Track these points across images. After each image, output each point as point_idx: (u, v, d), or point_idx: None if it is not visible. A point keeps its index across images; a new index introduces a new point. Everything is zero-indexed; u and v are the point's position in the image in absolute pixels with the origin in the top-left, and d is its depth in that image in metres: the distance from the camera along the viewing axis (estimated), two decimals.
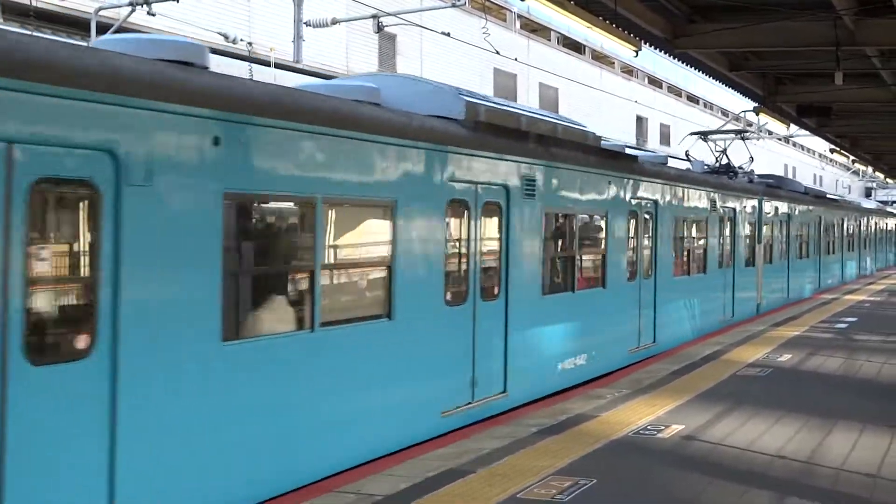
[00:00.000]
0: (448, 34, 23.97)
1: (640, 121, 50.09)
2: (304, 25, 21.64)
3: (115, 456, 6.30)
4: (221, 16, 23.74)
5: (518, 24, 39.67)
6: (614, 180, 14.58)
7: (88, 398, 6.14)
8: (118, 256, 6.31)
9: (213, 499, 7.06)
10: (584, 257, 14.09)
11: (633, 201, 15.45)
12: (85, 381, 6.13)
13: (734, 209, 21.31)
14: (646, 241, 16.21)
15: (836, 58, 16.24)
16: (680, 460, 8.63)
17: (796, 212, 27.72)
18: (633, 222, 15.49)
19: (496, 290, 11.19)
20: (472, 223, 10.70)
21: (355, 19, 23.80)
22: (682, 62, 19.48)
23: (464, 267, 10.58)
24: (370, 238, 9.23)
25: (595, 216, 14.24)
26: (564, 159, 12.89)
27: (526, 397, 11.61)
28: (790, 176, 69.84)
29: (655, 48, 17.83)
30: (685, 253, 18.40)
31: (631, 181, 15.31)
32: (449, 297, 10.20)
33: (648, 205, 16.19)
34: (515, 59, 32.65)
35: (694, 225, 18.85)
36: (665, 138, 52.60)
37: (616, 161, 14.92)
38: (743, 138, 28.85)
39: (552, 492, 7.52)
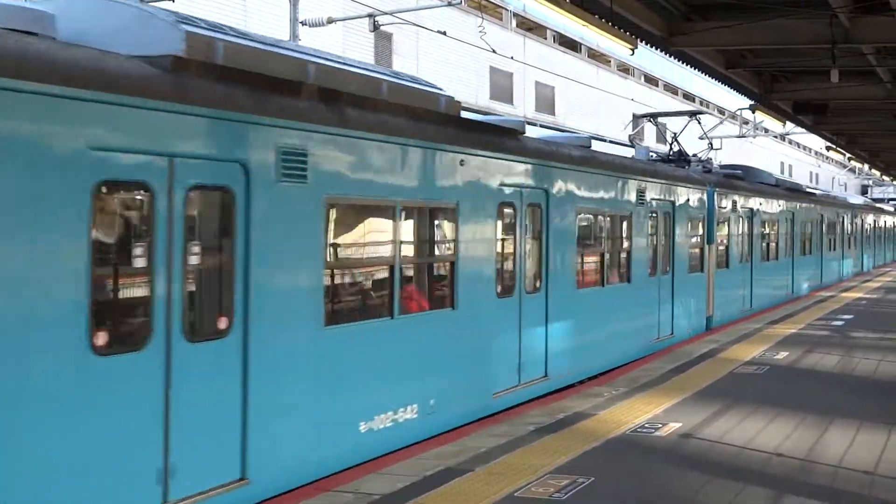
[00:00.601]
0: (444, 33, 23.97)
1: (637, 119, 50.05)
2: (300, 24, 21.62)
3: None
4: (217, 15, 23.72)
5: (514, 23, 39.66)
6: (474, 161, 10.95)
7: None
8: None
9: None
10: (416, 268, 10.26)
11: (507, 190, 11.68)
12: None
13: (672, 203, 17.69)
14: (530, 244, 12.44)
15: (832, 55, 16.25)
16: (678, 458, 8.63)
17: (762, 207, 24.36)
18: (507, 218, 11.85)
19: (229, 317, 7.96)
20: (162, 219, 6.96)
21: (351, 18, 23.79)
22: (679, 60, 19.50)
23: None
24: None
25: (436, 209, 10.36)
26: (375, 126, 9.16)
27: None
28: (786, 174, 69.93)
29: (652, 46, 17.83)
30: (596, 258, 14.57)
31: (504, 162, 11.61)
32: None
33: (533, 195, 12.38)
34: (511, 58, 32.65)
35: (609, 221, 15.16)
36: (661, 136, 52.59)
37: (478, 135, 11.28)
38: (698, 121, 27.59)
39: (550, 490, 7.53)
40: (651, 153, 21.67)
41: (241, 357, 7.57)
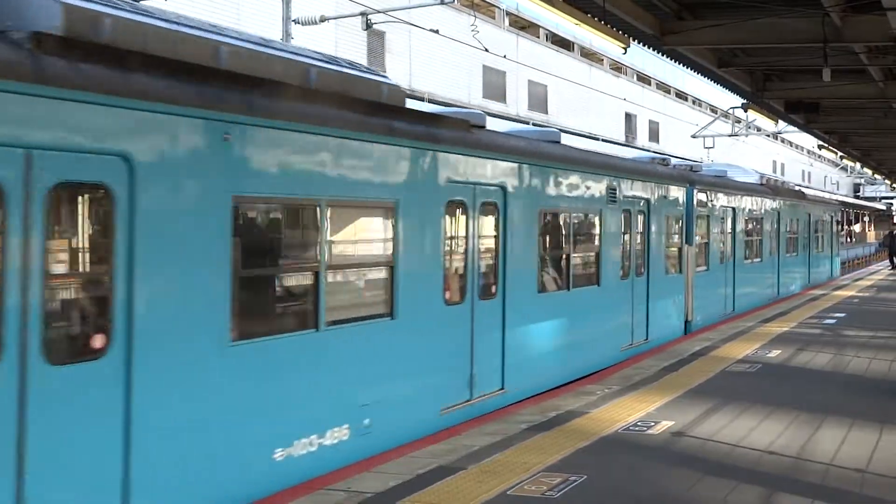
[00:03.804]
0: (437, 31, 23.98)
1: (629, 118, 50.16)
2: (292, 23, 21.61)
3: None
4: (210, 14, 23.68)
5: (507, 22, 39.67)
6: (418, 156, 9.92)
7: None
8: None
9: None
10: (346, 273, 9.22)
11: (457, 187, 10.60)
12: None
13: (647, 201, 16.53)
14: (484, 246, 11.28)
15: (823, 54, 16.30)
16: (670, 456, 8.64)
17: (745, 206, 23.23)
18: (457, 218, 10.76)
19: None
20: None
21: (344, 17, 23.78)
22: (671, 59, 19.55)
23: None
24: None
25: (371, 208, 9.37)
26: (296, 116, 8.16)
27: None
28: (779, 173, 70.05)
29: (644, 45, 17.87)
30: (561, 260, 13.49)
31: (453, 157, 10.49)
32: None
33: (488, 193, 11.25)
34: (504, 57, 32.66)
35: (577, 221, 14.13)
36: (654, 135, 52.68)
37: (424, 128, 10.10)
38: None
39: (543, 488, 7.53)
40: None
41: (123, 381, 6.48)
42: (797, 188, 32.51)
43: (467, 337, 10.71)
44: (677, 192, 18.17)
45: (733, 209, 22.06)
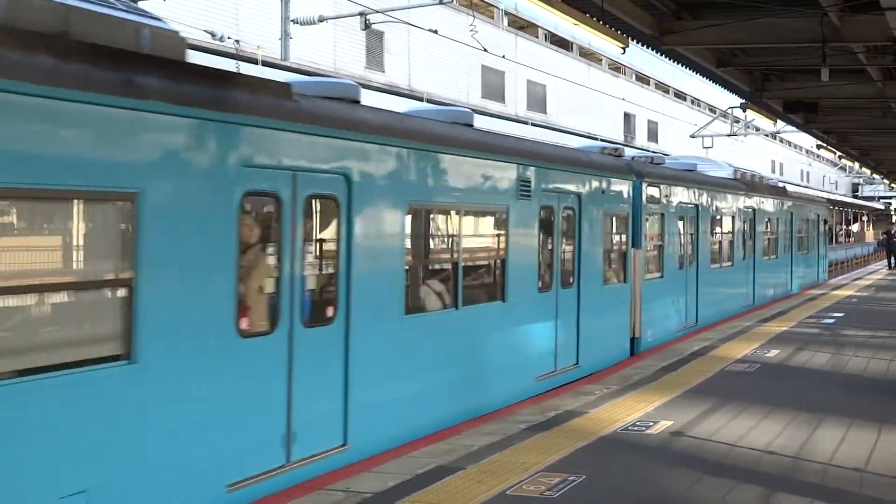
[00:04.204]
0: (436, 31, 23.98)
1: (628, 118, 50.18)
2: (291, 23, 21.62)
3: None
4: (208, 13, 23.69)
5: (506, 22, 39.67)
6: (194, 127, 7.13)
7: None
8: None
9: None
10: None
11: (261, 172, 7.76)
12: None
13: (577, 196, 13.76)
14: (312, 256, 8.59)
15: (822, 54, 16.32)
16: (669, 456, 8.65)
17: (712, 203, 20.53)
18: (262, 217, 8.12)
19: None
20: None
21: (342, 17, 23.78)
22: (670, 59, 19.56)
23: None
24: None
25: (98, 201, 6.48)
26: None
27: None
28: (777, 173, 70.05)
29: (643, 45, 17.88)
30: (446, 270, 10.79)
31: (258, 132, 7.69)
32: None
33: (319, 182, 8.41)
34: (503, 57, 32.67)
35: (469, 220, 11.28)
36: (653, 135, 52.70)
37: (203, 89, 7.29)
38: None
39: (541, 488, 7.54)
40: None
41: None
42: (779, 184, 29.48)
43: (283, 380, 8.05)
44: (620, 187, 15.34)
45: (697, 207, 19.39)
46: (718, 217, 21.25)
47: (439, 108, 12.69)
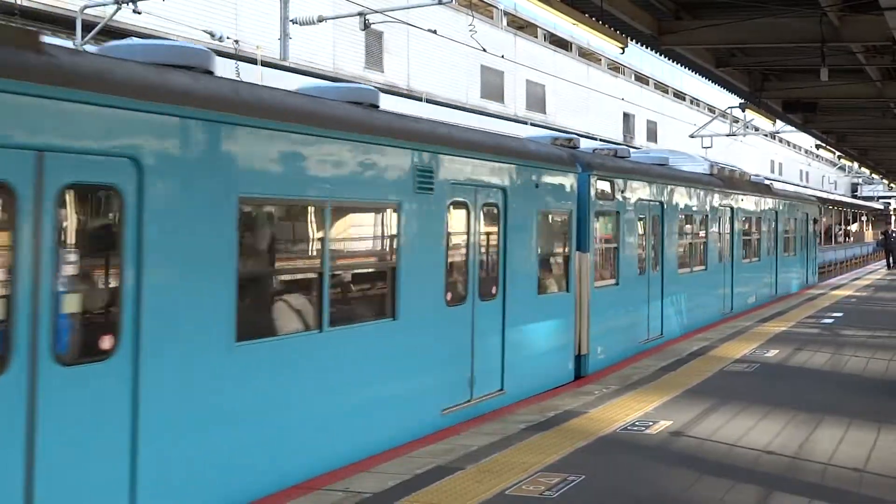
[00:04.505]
0: (435, 31, 23.99)
1: (627, 118, 50.20)
2: (290, 23, 21.62)
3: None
4: (208, 14, 23.70)
5: (505, 22, 39.69)
6: None
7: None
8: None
9: None
10: None
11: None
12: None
13: (502, 190, 11.54)
14: (73, 263, 6.36)
15: (821, 54, 16.33)
16: (668, 456, 8.65)
17: (681, 200, 18.37)
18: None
19: None
20: None
21: (342, 17, 23.79)
22: (669, 59, 19.58)
23: None
24: None
25: None
26: None
27: None
28: (776, 173, 70.08)
29: (642, 45, 17.89)
30: (309, 283, 8.56)
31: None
32: None
33: (90, 167, 6.32)
34: (502, 57, 32.67)
35: (343, 218, 9.13)
36: (652, 135, 52.72)
37: None
38: None
39: (541, 488, 7.54)
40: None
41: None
42: (765, 182, 27.06)
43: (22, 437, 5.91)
44: (561, 180, 13.17)
45: (662, 204, 17.22)
46: (689, 216, 19.13)
47: (338, 85, 10.82)
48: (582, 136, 39.13)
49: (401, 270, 9.52)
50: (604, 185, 14.71)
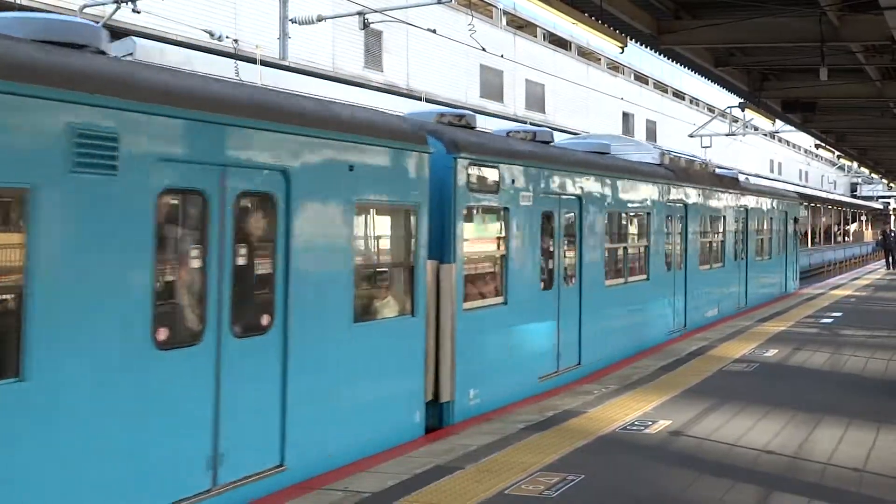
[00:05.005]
0: (434, 31, 23.97)
1: (627, 117, 50.18)
2: (289, 22, 21.60)
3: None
4: (207, 13, 23.68)
5: (504, 21, 39.68)
6: None
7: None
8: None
9: None
10: None
11: None
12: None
13: (281, 174, 8.05)
14: None
15: (820, 53, 16.32)
16: (667, 456, 8.65)
17: (611, 195, 14.94)
18: None
19: None
20: None
21: (341, 16, 23.77)
22: (668, 58, 19.57)
23: None
24: None
25: None
26: None
27: None
28: (775, 173, 70.07)
29: (641, 44, 17.89)
30: None
31: None
32: None
33: None
34: (502, 56, 32.66)
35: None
36: (651, 134, 52.70)
37: None
38: None
39: (540, 487, 7.53)
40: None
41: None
42: (733, 175, 23.82)
43: None
44: (399, 162, 9.61)
45: (580, 199, 13.76)
46: (623, 214, 15.89)
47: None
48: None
49: (36, 299, 5.92)
50: (484, 173, 11.25)
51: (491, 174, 11.46)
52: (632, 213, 16.42)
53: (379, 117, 9.98)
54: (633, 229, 16.57)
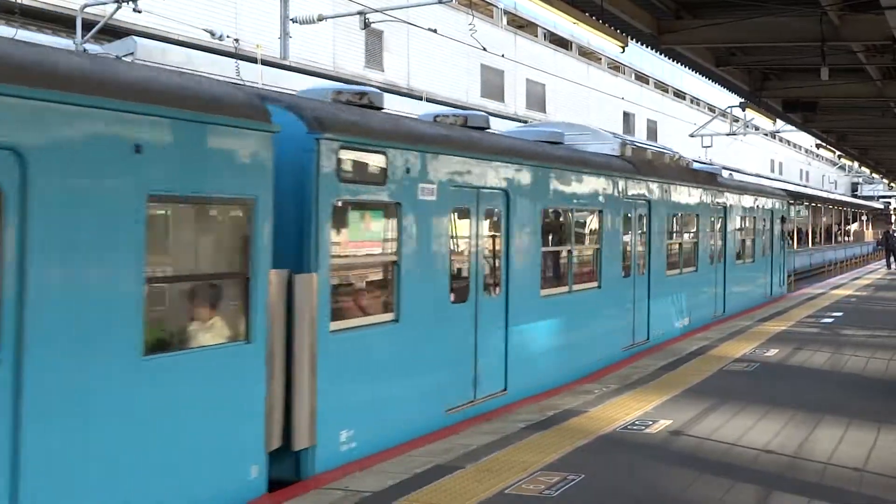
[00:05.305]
0: (435, 31, 23.98)
1: (628, 117, 50.19)
2: (290, 22, 21.61)
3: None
4: (208, 12, 23.69)
5: (505, 21, 39.69)
6: None
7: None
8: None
9: None
10: None
11: None
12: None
13: (16, 155, 5.79)
14: None
15: (821, 53, 16.30)
16: (668, 455, 8.64)
17: (550, 189, 12.84)
18: None
19: None
20: None
21: (342, 16, 23.78)
22: (669, 58, 19.55)
23: None
24: None
25: None
26: None
27: None
28: (776, 172, 70.02)
29: (642, 44, 17.87)
30: None
31: None
32: None
33: None
34: (502, 56, 32.66)
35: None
36: (652, 134, 52.70)
37: None
38: None
39: (540, 487, 7.53)
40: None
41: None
42: (714, 170, 21.97)
43: None
44: (222, 143, 7.49)
45: (506, 193, 11.55)
46: (567, 211, 13.68)
47: None
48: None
49: None
50: (364, 159, 9.09)
51: (375, 161, 9.21)
52: (578, 210, 14.01)
53: (192, 83, 7.50)
54: (580, 229, 14.26)
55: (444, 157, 10.31)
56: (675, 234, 18.35)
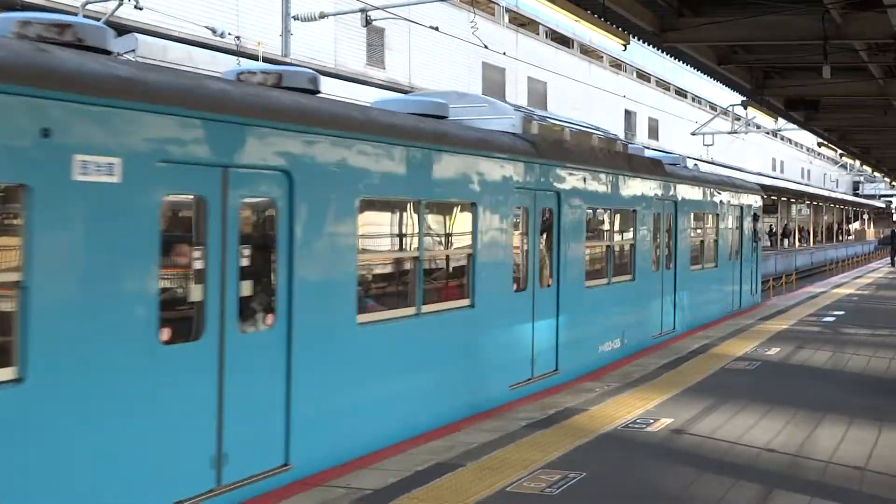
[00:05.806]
0: (436, 28, 23.96)
1: (629, 115, 50.16)
2: (291, 19, 21.61)
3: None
4: (209, 10, 23.67)
5: (506, 18, 39.66)
6: None
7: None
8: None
9: None
10: None
11: None
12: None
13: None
14: None
15: (823, 51, 16.27)
16: (669, 454, 8.64)
17: (366, 171, 9.10)
18: None
19: None
20: None
21: (343, 13, 23.77)
22: (670, 56, 19.53)
23: None
24: None
25: None
26: None
27: None
28: (777, 171, 69.98)
29: (644, 42, 17.85)
30: None
31: None
32: None
33: None
34: (504, 54, 32.64)
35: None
36: (654, 132, 52.67)
37: None
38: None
39: (541, 485, 7.53)
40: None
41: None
42: (671, 159, 19.57)
43: None
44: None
45: (289, 176, 7.97)
46: (417, 204, 9.87)
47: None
48: None
49: None
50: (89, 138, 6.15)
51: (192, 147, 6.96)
52: (435, 204, 10.36)
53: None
54: (440, 228, 10.88)
55: (176, 121, 6.81)
56: (599, 236, 14.98)
